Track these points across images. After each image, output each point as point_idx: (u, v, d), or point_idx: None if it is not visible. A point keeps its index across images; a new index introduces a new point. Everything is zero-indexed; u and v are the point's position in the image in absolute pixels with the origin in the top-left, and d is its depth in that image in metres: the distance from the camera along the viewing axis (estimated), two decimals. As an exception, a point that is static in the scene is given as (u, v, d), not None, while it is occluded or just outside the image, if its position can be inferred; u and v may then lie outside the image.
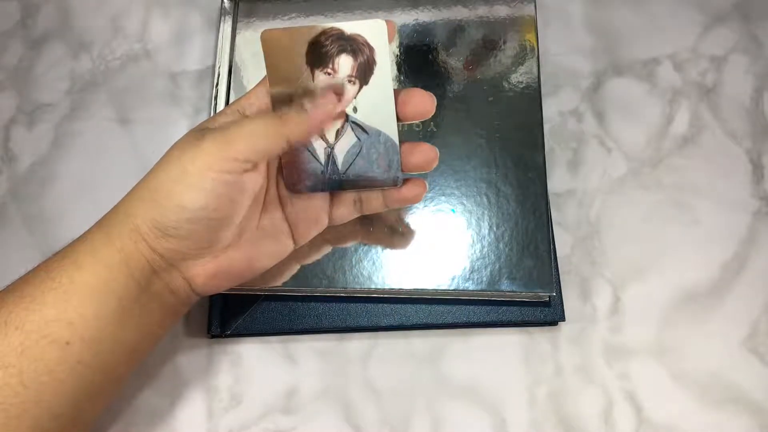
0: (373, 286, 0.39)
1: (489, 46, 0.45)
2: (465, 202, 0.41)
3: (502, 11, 0.46)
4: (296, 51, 0.31)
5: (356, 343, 0.41)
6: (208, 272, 0.33)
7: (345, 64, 0.32)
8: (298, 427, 0.40)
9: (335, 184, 0.34)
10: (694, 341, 0.42)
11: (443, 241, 0.40)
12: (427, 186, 0.36)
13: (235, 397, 0.40)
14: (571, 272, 0.43)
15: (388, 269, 0.40)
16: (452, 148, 0.42)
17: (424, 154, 0.34)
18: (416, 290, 0.40)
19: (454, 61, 0.44)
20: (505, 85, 0.44)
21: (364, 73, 0.32)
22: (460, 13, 0.46)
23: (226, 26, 0.47)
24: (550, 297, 0.41)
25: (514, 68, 0.44)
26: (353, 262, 0.40)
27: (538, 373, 0.41)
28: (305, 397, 0.40)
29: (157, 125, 0.48)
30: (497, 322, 0.41)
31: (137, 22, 0.51)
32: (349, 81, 0.32)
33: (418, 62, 0.44)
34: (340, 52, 0.32)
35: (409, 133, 0.42)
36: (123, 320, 0.31)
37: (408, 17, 0.46)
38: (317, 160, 0.34)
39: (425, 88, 0.43)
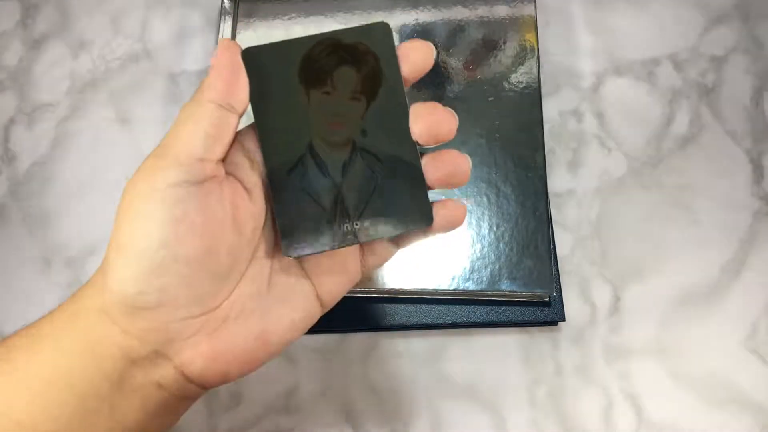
0: (373, 287, 0.39)
1: (489, 46, 0.45)
2: (465, 202, 0.41)
3: (502, 11, 0.46)
4: (286, 69, 0.26)
5: (356, 343, 0.41)
6: (205, 355, 0.25)
7: (346, 78, 0.26)
8: (298, 427, 0.40)
9: (348, 235, 0.26)
10: (694, 341, 0.42)
11: (443, 241, 0.40)
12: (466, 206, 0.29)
13: (235, 397, 0.40)
14: (571, 272, 0.43)
15: (389, 269, 0.40)
16: (452, 148, 0.42)
17: (451, 163, 0.27)
18: (416, 290, 0.40)
19: (454, 61, 0.44)
20: (505, 85, 0.44)
21: (370, 88, 0.26)
22: (460, 13, 0.46)
23: (226, 26, 0.47)
24: (550, 297, 0.41)
25: (514, 68, 0.44)
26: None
27: (538, 373, 0.41)
28: (305, 396, 0.40)
29: (157, 125, 0.48)
30: (497, 322, 0.41)
31: (137, 22, 0.51)
32: (353, 98, 0.26)
33: (418, 62, 0.44)
34: (338, 64, 0.26)
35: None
36: (88, 425, 0.24)
37: (408, 17, 0.46)
38: (320, 205, 0.26)
39: (425, 88, 0.44)
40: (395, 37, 0.27)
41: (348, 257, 0.28)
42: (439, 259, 0.40)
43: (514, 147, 0.42)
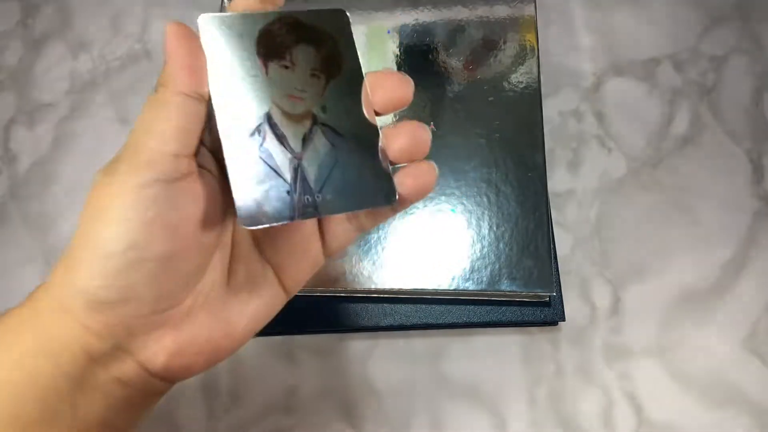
0: (373, 286, 0.39)
1: (489, 46, 0.45)
2: (465, 202, 0.41)
3: (502, 11, 0.46)
4: (244, 40, 0.25)
5: (356, 343, 0.41)
6: (168, 350, 0.24)
7: (305, 55, 0.26)
8: (298, 427, 0.40)
9: (309, 208, 0.25)
10: (694, 341, 0.42)
11: (443, 241, 0.40)
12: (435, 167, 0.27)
13: (235, 397, 0.40)
14: (571, 272, 0.43)
15: (388, 269, 0.40)
16: (452, 148, 0.42)
17: (410, 133, 0.27)
18: (416, 290, 0.40)
19: (454, 61, 0.44)
20: (505, 85, 0.44)
21: (330, 67, 0.26)
22: (460, 13, 0.46)
23: (226, 26, 0.47)
24: (550, 297, 0.41)
25: (514, 68, 0.44)
26: (353, 262, 0.40)
27: (538, 373, 0.41)
28: (305, 396, 0.40)
29: (157, 125, 0.48)
30: (497, 322, 0.41)
31: (137, 22, 0.51)
32: (313, 75, 0.26)
33: (418, 62, 0.44)
34: (298, 41, 0.26)
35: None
36: (49, 425, 0.23)
37: (408, 17, 0.46)
38: (281, 176, 0.25)
39: (425, 88, 0.44)
40: (395, 36, 0.27)
41: (309, 241, 0.27)
42: (439, 259, 0.40)
43: (514, 147, 0.42)
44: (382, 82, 0.26)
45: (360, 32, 0.45)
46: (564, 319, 0.41)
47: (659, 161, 0.46)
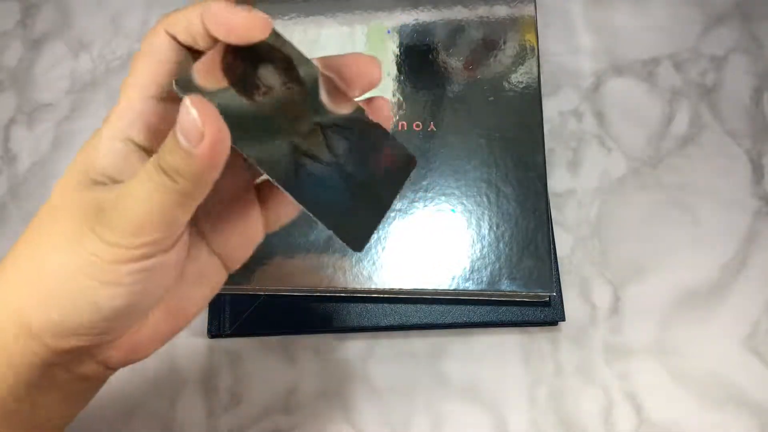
0: (373, 286, 0.39)
1: (489, 46, 0.45)
2: (465, 202, 0.41)
3: (502, 11, 0.46)
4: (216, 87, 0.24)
5: (356, 343, 0.41)
6: (127, 348, 0.25)
7: (269, 74, 0.25)
8: (298, 427, 0.40)
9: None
10: (694, 341, 0.42)
11: (443, 241, 0.40)
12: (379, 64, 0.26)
13: (235, 397, 0.40)
14: (571, 272, 0.43)
15: (388, 269, 0.40)
16: (452, 148, 0.42)
17: (355, 62, 0.25)
18: (416, 290, 0.40)
19: (454, 61, 0.44)
20: (505, 85, 0.44)
21: (291, 72, 0.25)
22: (460, 13, 0.46)
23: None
24: (550, 297, 0.41)
25: (514, 68, 0.44)
26: (353, 262, 0.40)
27: (538, 373, 0.41)
28: (305, 397, 0.40)
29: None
30: (497, 322, 0.41)
31: (137, 22, 0.51)
32: (288, 88, 0.25)
33: (418, 62, 0.44)
34: (255, 65, 0.25)
35: (409, 133, 0.42)
36: (8, 424, 0.24)
37: (408, 17, 0.46)
38: (347, 190, 0.26)
39: (425, 88, 0.44)
40: (395, 36, 0.27)
41: (254, 227, 0.27)
42: (439, 259, 0.40)
43: (514, 147, 0.42)
44: (347, 64, 0.25)
45: (360, 32, 0.45)
46: (564, 319, 0.41)
47: (659, 161, 0.46)
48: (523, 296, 0.40)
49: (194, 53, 0.24)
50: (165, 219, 0.22)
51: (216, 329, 0.40)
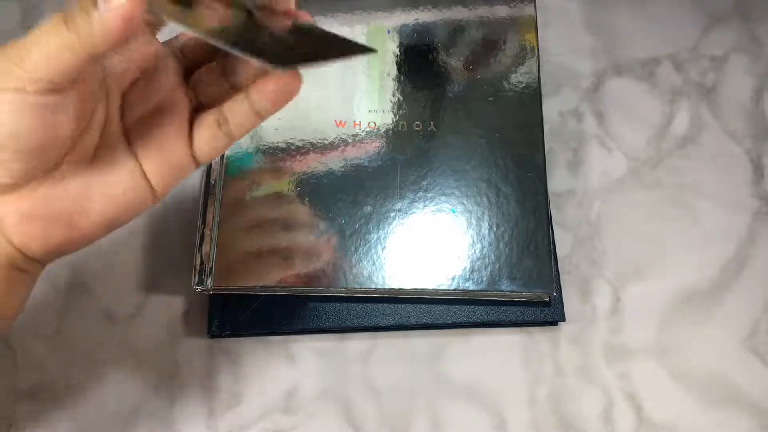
0: (373, 286, 0.39)
1: (489, 46, 0.45)
2: (465, 202, 0.41)
3: (502, 11, 0.46)
4: None
5: (356, 343, 0.41)
6: (21, 211, 0.25)
7: None
8: (298, 427, 0.40)
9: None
10: (694, 341, 0.42)
11: (443, 241, 0.40)
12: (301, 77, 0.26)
13: (235, 397, 0.40)
14: (571, 272, 0.43)
15: (388, 269, 0.40)
16: (452, 148, 0.42)
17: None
18: (416, 290, 0.40)
19: (454, 61, 0.44)
20: (505, 85, 0.44)
21: None
22: (460, 13, 0.46)
23: (226, 26, 0.47)
24: (550, 297, 0.41)
25: (514, 68, 0.44)
26: (353, 262, 0.40)
27: (538, 373, 0.41)
28: (305, 397, 0.40)
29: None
30: (497, 322, 0.41)
31: (137, 22, 0.51)
32: None
33: (418, 62, 0.44)
34: None
35: (409, 133, 0.42)
36: None
37: (408, 17, 0.46)
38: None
39: (425, 88, 0.44)
40: (395, 36, 0.27)
41: (176, 138, 0.27)
42: (439, 259, 0.40)
43: (514, 147, 0.42)
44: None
45: (360, 32, 0.45)
46: (564, 319, 0.41)
47: (659, 161, 0.46)
48: (523, 296, 0.40)
49: None
50: (61, 67, 0.22)
51: (216, 329, 0.40)
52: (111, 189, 0.27)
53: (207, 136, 0.28)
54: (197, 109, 0.28)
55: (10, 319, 0.28)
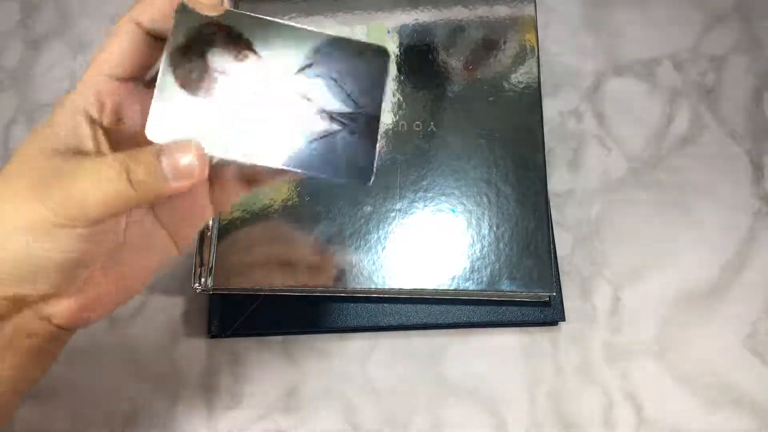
0: (373, 286, 0.39)
1: (489, 46, 0.45)
2: (465, 202, 0.41)
3: (502, 11, 0.46)
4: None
5: (356, 343, 0.41)
6: (71, 309, 0.27)
7: (220, 60, 0.25)
8: (298, 427, 0.40)
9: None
10: (694, 341, 0.42)
11: (443, 241, 0.40)
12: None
13: (235, 397, 0.40)
14: (571, 272, 0.43)
15: (388, 269, 0.40)
16: (452, 148, 0.42)
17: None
18: (416, 290, 0.40)
19: (454, 61, 0.44)
20: (505, 85, 0.44)
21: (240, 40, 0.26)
22: (460, 13, 0.46)
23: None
24: (550, 297, 0.41)
25: (514, 68, 0.44)
26: (353, 262, 0.40)
27: (538, 373, 0.41)
28: (305, 396, 0.40)
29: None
30: (497, 322, 0.41)
31: (137, 22, 0.51)
32: (240, 59, 0.26)
33: (418, 62, 0.44)
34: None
35: (409, 133, 0.42)
36: None
37: (408, 17, 0.46)
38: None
39: (425, 88, 0.44)
40: (395, 36, 0.27)
41: (201, 204, 0.28)
42: (439, 259, 0.40)
43: (514, 147, 0.42)
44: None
45: (360, 32, 0.45)
46: (564, 319, 0.41)
47: (659, 161, 0.46)
48: (523, 296, 0.40)
49: (158, 41, 0.26)
50: (111, 212, 0.24)
51: (216, 329, 0.40)
52: (148, 261, 0.28)
53: (230, 193, 0.29)
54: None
55: (33, 385, 0.28)
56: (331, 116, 0.26)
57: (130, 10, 0.25)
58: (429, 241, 0.40)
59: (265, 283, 0.39)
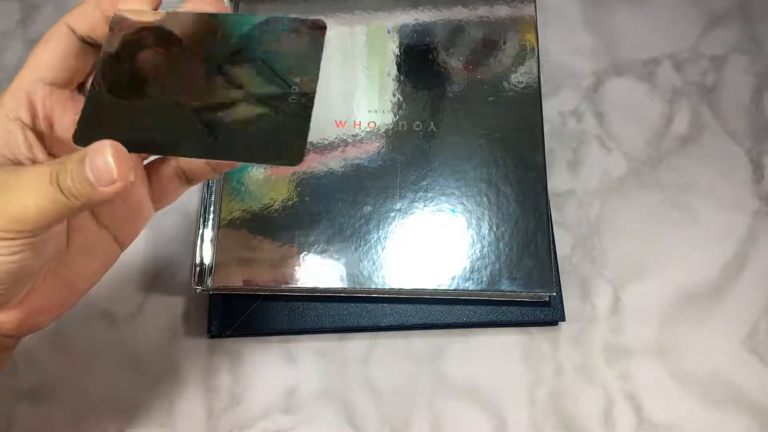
0: (373, 286, 0.39)
1: (489, 46, 0.45)
2: (465, 202, 0.41)
3: (502, 11, 0.46)
4: None
5: (356, 343, 0.41)
6: (17, 317, 0.26)
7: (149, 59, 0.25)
8: (298, 427, 0.40)
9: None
10: (694, 341, 0.42)
11: (443, 241, 0.40)
12: None
13: (235, 397, 0.40)
14: (571, 272, 0.43)
15: (388, 269, 0.40)
16: (452, 148, 0.42)
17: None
18: (416, 290, 0.40)
19: (454, 61, 0.44)
20: (505, 85, 0.44)
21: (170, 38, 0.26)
22: (460, 13, 0.46)
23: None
24: (550, 297, 0.41)
25: (514, 68, 0.44)
26: (353, 262, 0.40)
27: (538, 373, 0.41)
28: (305, 397, 0.40)
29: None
30: (497, 322, 0.41)
31: (137, 22, 0.51)
32: (169, 57, 0.26)
33: (418, 62, 0.44)
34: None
35: (409, 133, 0.42)
36: None
37: (408, 17, 0.46)
38: None
39: (425, 88, 0.44)
40: (395, 36, 0.27)
41: (141, 204, 0.28)
42: (439, 259, 0.40)
43: (514, 147, 0.42)
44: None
45: (360, 32, 0.45)
46: (564, 319, 0.41)
47: (659, 161, 0.46)
48: (523, 296, 0.40)
49: (91, 47, 0.26)
50: (48, 221, 0.23)
51: (216, 329, 0.40)
52: (93, 264, 0.28)
53: (169, 190, 0.29)
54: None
55: None
56: (259, 100, 0.25)
57: (64, 16, 0.26)
58: (429, 241, 0.40)
59: (264, 283, 0.39)
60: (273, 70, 0.26)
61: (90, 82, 0.25)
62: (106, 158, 0.22)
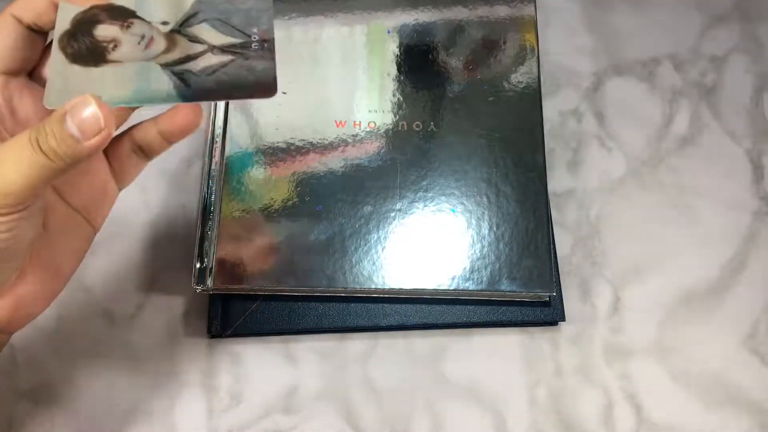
0: (373, 286, 0.39)
1: (489, 46, 0.45)
2: (465, 202, 0.41)
3: (502, 11, 0.46)
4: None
5: (356, 343, 0.41)
6: (8, 305, 0.27)
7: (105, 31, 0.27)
8: (298, 427, 0.40)
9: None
10: (694, 341, 0.42)
11: (443, 241, 0.40)
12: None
13: (235, 397, 0.40)
14: (571, 272, 0.43)
15: (388, 269, 0.40)
16: (452, 148, 0.42)
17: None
18: (416, 290, 0.40)
19: (454, 61, 0.44)
20: (505, 85, 0.44)
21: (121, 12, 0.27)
22: (460, 13, 0.46)
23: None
24: (550, 297, 0.41)
25: (514, 68, 0.44)
26: (353, 262, 0.40)
27: (538, 373, 0.41)
28: (305, 397, 0.40)
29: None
30: (497, 322, 0.41)
31: (137, 22, 0.51)
32: (128, 26, 0.27)
33: (418, 62, 0.44)
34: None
35: (409, 133, 0.42)
36: None
37: (408, 17, 0.46)
38: None
39: (425, 88, 0.44)
40: (395, 36, 0.27)
41: (103, 179, 0.29)
42: (439, 259, 0.40)
43: (514, 147, 0.42)
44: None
45: (360, 32, 0.45)
46: (564, 319, 0.41)
47: (659, 161, 0.46)
48: (523, 296, 0.40)
49: (37, 33, 0.27)
50: (33, 189, 0.23)
51: (216, 329, 0.40)
52: (72, 245, 0.29)
53: (128, 167, 0.29)
54: None
55: None
56: (224, 50, 0.27)
57: (8, 7, 0.26)
58: (429, 241, 0.40)
59: (264, 283, 0.39)
60: (230, 25, 0.28)
61: (51, 58, 0.26)
62: (91, 108, 0.23)
